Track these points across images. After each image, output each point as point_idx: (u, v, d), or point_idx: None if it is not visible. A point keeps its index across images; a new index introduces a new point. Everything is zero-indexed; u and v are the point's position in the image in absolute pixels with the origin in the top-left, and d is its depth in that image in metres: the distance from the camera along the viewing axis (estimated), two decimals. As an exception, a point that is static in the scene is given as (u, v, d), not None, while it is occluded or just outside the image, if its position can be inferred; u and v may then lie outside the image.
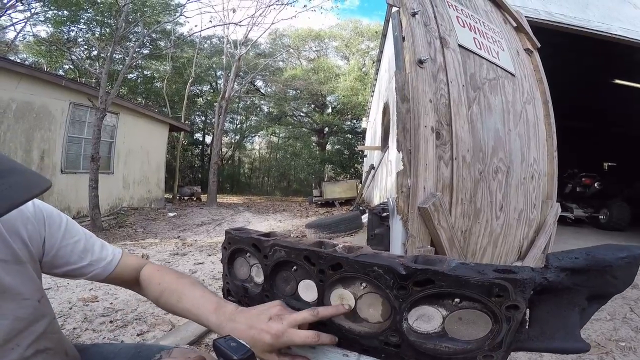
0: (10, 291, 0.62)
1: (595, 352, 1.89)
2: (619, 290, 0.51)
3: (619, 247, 0.50)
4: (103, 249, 0.81)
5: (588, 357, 1.83)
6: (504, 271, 0.50)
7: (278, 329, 0.58)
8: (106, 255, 0.81)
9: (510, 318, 0.49)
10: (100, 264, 0.79)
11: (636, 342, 2.00)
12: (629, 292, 2.86)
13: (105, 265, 0.80)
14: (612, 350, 1.91)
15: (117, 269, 0.81)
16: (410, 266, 0.54)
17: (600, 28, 4.43)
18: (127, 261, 0.84)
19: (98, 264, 0.79)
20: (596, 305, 0.54)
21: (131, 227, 6.66)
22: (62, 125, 7.35)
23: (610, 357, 1.84)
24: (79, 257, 0.76)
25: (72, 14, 12.69)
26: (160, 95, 16.43)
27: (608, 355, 1.86)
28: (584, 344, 0.52)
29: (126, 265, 0.83)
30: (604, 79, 6.74)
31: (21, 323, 0.64)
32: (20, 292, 0.64)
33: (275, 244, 0.73)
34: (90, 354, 0.84)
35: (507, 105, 2.53)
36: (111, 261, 0.81)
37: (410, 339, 0.56)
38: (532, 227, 2.73)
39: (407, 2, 2.19)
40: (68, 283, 2.95)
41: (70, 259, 0.75)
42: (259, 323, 0.59)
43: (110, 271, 0.80)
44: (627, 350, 1.91)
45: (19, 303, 0.64)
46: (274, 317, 0.60)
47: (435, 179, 1.79)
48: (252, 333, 0.59)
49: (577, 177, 6.56)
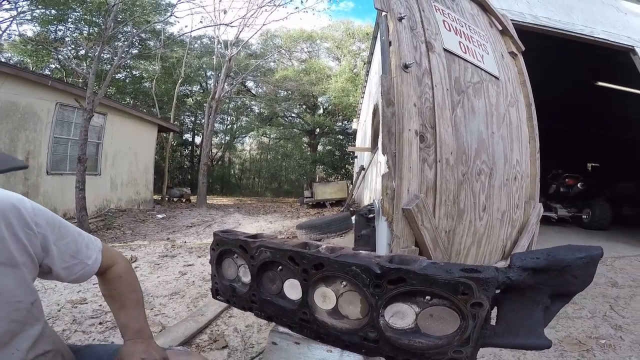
0: (4, 294, 0.63)
1: (576, 349, 1.93)
2: (579, 289, 0.55)
3: (578, 248, 0.54)
4: (88, 249, 0.84)
5: (569, 355, 1.87)
6: (469, 270, 0.53)
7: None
8: (91, 254, 0.84)
9: (475, 315, 0.52)
10: (88, 261, 0.83)
11: (616, 339, 2.04)
12: (609, 290, 2.92)
13: (92, 264, 0.85)
14: (592, 347, 1.95)
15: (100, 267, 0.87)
16: (384, 265, 0.57)
17: (583, 31, 4.52)
18: (104, 260, 0.89)
19: (85, 262, 0.83)
20: (560, 303, 0.57)
21: (119, 229, 6.58)
22: (48, 126, 7.22)
23: (590, 355, 1.88)
24: (70, 256, 0.79)
25: (59, 13, 12.45)
26: (149, 96, 16.23)
27: (589, 353, 1.89)
28: (546, 341, 0.55)
29: (102, 265, 0.88)
30: (588, 82, 6.86)
31: (16, 325, 0.65)
32: (14, 295, 0.65)
33: (261, 245, 0.76)
34: (84, 354, 0.86)
35: (490, 108, 2.59)
36: (96, 259, 0.86)
37: (387, 334, 0.60)
38: (516, 227, 2.80)
39: (394, 6, 2.22)
40: (55, 285, 2.92)
41: (63, 258, 0.78)
42: None
43: (95, 270, 0.86)
44: (607, 347, 1.95)
45: (13, 305, 0.65)
46: None
47: (419, 181, 1.84)
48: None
49: (561, 178, 6.70)
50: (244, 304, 0.86)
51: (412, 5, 2.43)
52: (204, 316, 2.38)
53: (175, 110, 14.80)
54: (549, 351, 1.92)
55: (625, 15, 5.05)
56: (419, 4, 2.49)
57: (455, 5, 2.95)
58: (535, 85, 3.40)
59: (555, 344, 2.00)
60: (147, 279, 3.33)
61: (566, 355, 1.88)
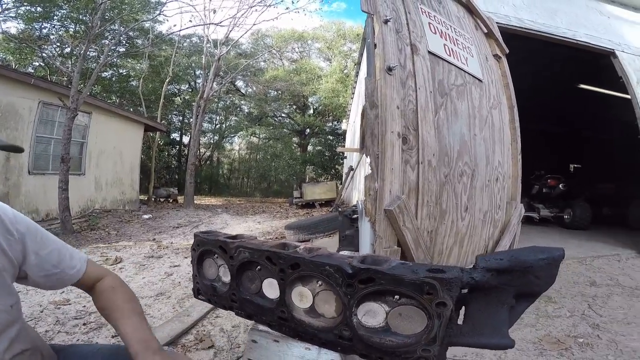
0: None
1: (555, 348, 1.98)
2: (542, 289, 0.56)
3: (540, 249, 0.56)
4: (72, 259, 0.85)
5: (549, 354, 1.91)
6: (434, 271, 0.55)
7: None
8: (74, 264, 0.85)
9: (440, 314, 0.53)
10: (69, 271, 0.84)
11: (593, 338, 2.09)
12: (587, 289, 3.00)
13: (74, 273, 0.84)
14: (571, 346, 1.99)
15: (82, 278, 0.87)
16: (355, 266, 0.59)
17: (566, 34, 4.58)
18: (90, 271, 0.88)
19: (66, 272, 0.83)
20: (525, 303, 0.59)
21: (104, 229, 6.47)
22: (30, 124, 7.05)
23: (569, 353, 1.92)
24: (52, 266, 0.80)
25: (45, 11, 12.15)
26: (135, 94, 15.97)
27: (567, 351, 1.94)
28: (509, 341, 0.56)
29: (88, 276, 0.88)
30: (571, 84, 6.97)
31: None
32: None
33: (240, 246, 0.78)
34: (68, 354, 0.86)
35: (473, 110, 2.64)
36: (79, 270, 0.86)
37: (359, 333, 0.61)
38: (498, 227, 2.86)
39: (380, 9, 2.24)
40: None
41: (43, 267, 0.78)
42: None
43: (76, 279, 0.85)
44: (585, 346, 2.00)
45: None
46: None
47: (401, 182, 1.87)
48: None
49: (543, 179, 6.85)
50: (224, 303, 0.87)
51: (398, 7, 2.45)
52: (190, 316, 2.37)
53: (162, 109, 14.60)
54: (529, 350, 1.96)
55: (608, 19, 5.12)
56: (405, 7, 2.50)
57: (442, 8, 2.97)
58: (519, 88, 3.43)
59: (535, 343, 2.05)
60: (133, 280, 3.30)
61: (546, 353, 1.91)
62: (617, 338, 2.09)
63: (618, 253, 4.29)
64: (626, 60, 4.79)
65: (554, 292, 2.86)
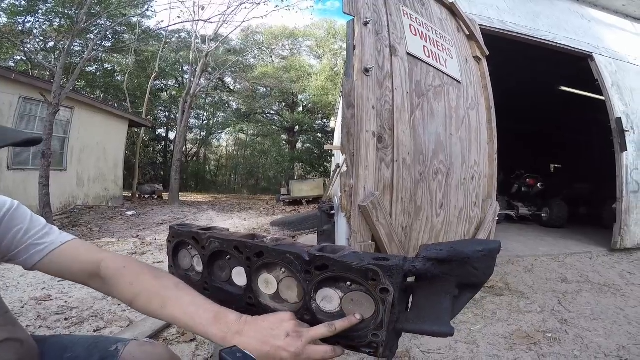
0: None
1: (525, 342, 2.03)
2: (481, 280, 0.59)
3: (479, 242, 0.59)
4: (49, 235, 0.76)
5: (519, 348, 1.97)
6: (378, 259, 0.59)
7: (297, 347, 0.54)
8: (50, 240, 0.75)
9: (384, 300, 0.57)
10: (38, 247, 0.73)
11: (561, 333, 2.16)
12: (559, 285, 3.07)
13: (42, 249, 0.73)
14: (540, 340, 2.05)
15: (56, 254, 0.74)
16: (312, 253, 0.65)
17: (547, 37, 4.65)
18: (76, 251, 0.76)
19: (35, 247, 0.73)
20: (468, 294, 0.62)
21: (86, 226, 6.38)
22: (10, 119, 6.90)
23: (538, 348, 1.98)
24: (20, 239, 0.72)
25: (30, 5, 11.81)
26: (120, 90, 15.67)
27: (536, 346, 1.99)
28: (449, 329, 0.58)
29: (74, 255, 0.75)
30: (551, 86, 7.12)
31: None
32: None
33: (211, 237, 0.83)
34: (49, 344, 0.83)
35: (450, 111, 2.72)
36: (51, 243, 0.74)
37: (318, 317, 0.66)
38: (473, 224, 2.96)
39: (361, 11, 2.27)
40: (18, 283, 2.85)
41: (14, 241, 0.72)
42: (274, 339, 0.55)
43: (44, 255, 0.73)
44: (553, 341, 2.06)
45: None
46: (291, 333, 0.56)
47: (376, 179, 1.94)
48: (267, 349, 0.54)
49: (522, 178, 7.02)
50: (198, 291, 0.91)
51: (380, 9, 2.48)
52: (172, 311, 2.37)
53: (148, 105, 14.38)
54: (500, 344, 2.02)
55: (589, 22, 5.22)
56: (387, 8, 2.52)
57: (424, 9, 2.98)
58: (502, 89, 3.45)
59: (506, 337, 2.10)
60: (114, 276, 3.28)
61: (515, 348, 1.97)
62: (583, 333, 2.15)
63: (590, 251, 4.40)
64: (602, 63, 4.88)
65: (526, 288, 2.93)
